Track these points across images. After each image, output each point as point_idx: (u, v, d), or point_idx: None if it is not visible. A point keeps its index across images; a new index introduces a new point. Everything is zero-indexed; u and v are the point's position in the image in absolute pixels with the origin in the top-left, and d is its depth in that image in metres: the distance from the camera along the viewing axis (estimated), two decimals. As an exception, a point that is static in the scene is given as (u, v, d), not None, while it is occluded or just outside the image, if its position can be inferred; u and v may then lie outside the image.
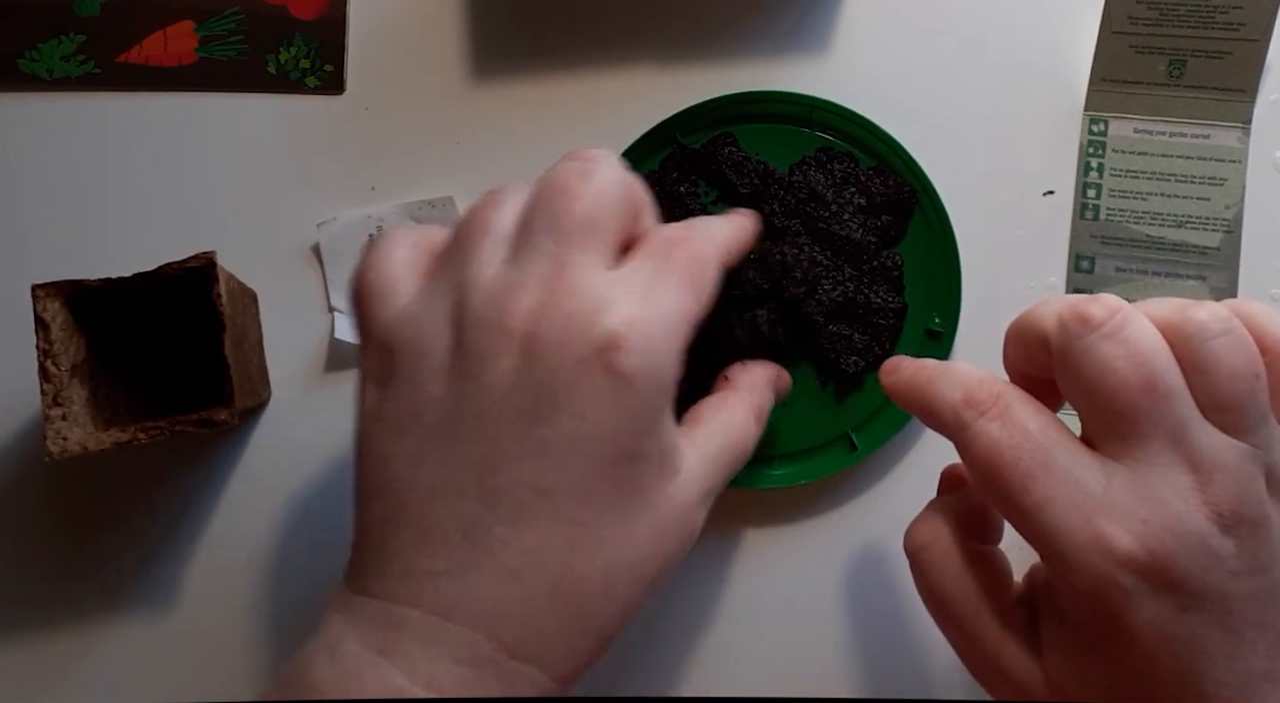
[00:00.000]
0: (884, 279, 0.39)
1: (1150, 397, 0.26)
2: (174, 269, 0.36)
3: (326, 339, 0.42)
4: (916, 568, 0.32)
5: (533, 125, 0.42)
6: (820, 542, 0.40)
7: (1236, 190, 0.40)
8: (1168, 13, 0.40)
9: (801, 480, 0.39)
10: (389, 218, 0.42)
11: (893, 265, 0.40)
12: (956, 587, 0.30)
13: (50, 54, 0.43)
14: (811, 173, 0.40)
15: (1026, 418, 0.28)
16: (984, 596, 0.30)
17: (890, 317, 0.39)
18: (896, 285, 0.40)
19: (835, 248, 0.39)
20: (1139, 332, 0.27)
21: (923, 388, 0.31)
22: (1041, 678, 0.29)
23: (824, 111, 0.40)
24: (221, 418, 0.35)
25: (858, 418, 0.39)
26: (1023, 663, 0.29)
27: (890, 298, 0.39)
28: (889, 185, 0.40)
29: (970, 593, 0.30)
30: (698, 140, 0.41)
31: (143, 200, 0.43)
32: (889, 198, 0.40)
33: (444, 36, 0.43)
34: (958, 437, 0.29)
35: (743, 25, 0.43)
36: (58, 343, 0.35)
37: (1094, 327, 0.27)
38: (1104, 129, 0.41)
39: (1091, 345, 0.27)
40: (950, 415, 0.29)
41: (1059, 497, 0.27)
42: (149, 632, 0.41)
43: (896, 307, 0.39)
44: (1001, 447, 0.28)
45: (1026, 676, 0.29)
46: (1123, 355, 0.27)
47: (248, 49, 0.43)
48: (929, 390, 0.30)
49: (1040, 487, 0.27)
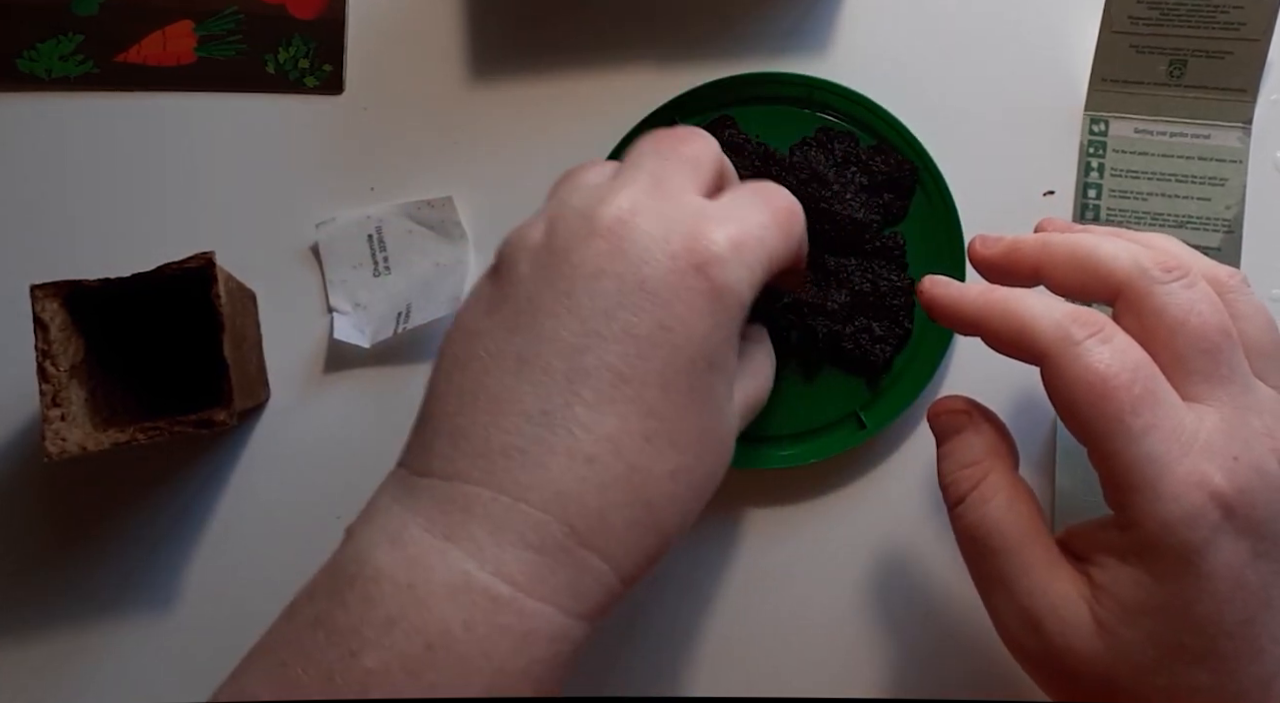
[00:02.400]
0: (887, 258, 0.40)
1: (1229, 340, 0.28)
2: (173, 269, 0.36)
3: (325, 339, 0.42)
4: (968, 504, 0.31)
5: (533, 125, 0.42)
6: (829, 520, 0.40)
7: (1237, 190, 0.40)
8: (1168, 13, 0.40)
9: (810, 459, 0.39)
10: (388, 218, 0.42)
11: (895, 245, 0.40)
12: (1010, 516, 0.30)
13: (49, 54, 0.43)
14: (812, 153, 0.40)
15: (1133, 347, 0.28)
16: (1036, 527, 0.30)
17: (902, 295, 0.39)
18: (900, 264, 0.40)
19: (837, 227, 0.39)
20: (1204, 283, 0.29)
21: (1009, 303, 0.30)
22: (1089, 619, 0.28)
23: (823, 92, 0.40)
24: (220, 418, 0.35)
25: (865, 397, 0.40)
26: (1072, 601, 0.28)
27: (897, 277, 0.39)
28: (890, 163, 0.40)
29: (1024, 522, 0.30)
30: (698, 123, 0.41)
31: (141, 200, 0.43)
32: (890, 176, 0.40)
33: (443, 36, 0.43)
34: (1064, 352, 0.28)
35: (743, 25, 0.42)
36: (56, 343, 0.35)
37: (1176, 273, 0.29)
38: (1104, 129, 0.41)
39: (1175, 291, 0.29)
40: (1054, 332, 0.28)
41: (1163, 426, 0.27)
42: (149, 632, 0.41)
43: (905, 284, 0.39)
44: (1116, 366, 0.27)
45: (1072, 615, 0.28)
46: (1203, 300, 0.29)
47: (246, 49, 0.43)
48: (1020, 307, 0.29)
49: (1148, 412, 0.27)
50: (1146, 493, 0.27)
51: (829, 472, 0.40)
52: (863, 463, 0.41)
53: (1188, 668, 0.27)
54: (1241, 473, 0.27)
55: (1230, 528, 0.27)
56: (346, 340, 0.41)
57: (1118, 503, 0.28)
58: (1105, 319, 0.29)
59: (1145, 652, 0.27)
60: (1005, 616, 0.30)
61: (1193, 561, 0.27)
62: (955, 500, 0.31)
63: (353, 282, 0.42)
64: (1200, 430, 0.27)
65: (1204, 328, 0.28)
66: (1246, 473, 0.27)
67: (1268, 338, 0.30)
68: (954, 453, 0.32)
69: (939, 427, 0.33)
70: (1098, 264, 0.30)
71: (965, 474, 0.31)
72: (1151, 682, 0.28)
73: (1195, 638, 0.27)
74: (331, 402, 0.42)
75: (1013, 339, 0.30)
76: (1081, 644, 0.28)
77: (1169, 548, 0.27)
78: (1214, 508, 0.27)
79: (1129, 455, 0.27)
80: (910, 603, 0.40)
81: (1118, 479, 0.28)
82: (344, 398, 0.42)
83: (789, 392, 0.40)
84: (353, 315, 0.42)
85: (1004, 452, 0.32)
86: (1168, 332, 0.28)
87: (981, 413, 0.32)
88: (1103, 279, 0.30)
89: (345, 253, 0.42)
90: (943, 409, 0.33)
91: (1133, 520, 0.27)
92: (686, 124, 0.40)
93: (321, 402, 0.42)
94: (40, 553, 0.41)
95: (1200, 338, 0.28)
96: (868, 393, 0.40)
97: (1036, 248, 0.32)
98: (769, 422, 0.40)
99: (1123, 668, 0.28)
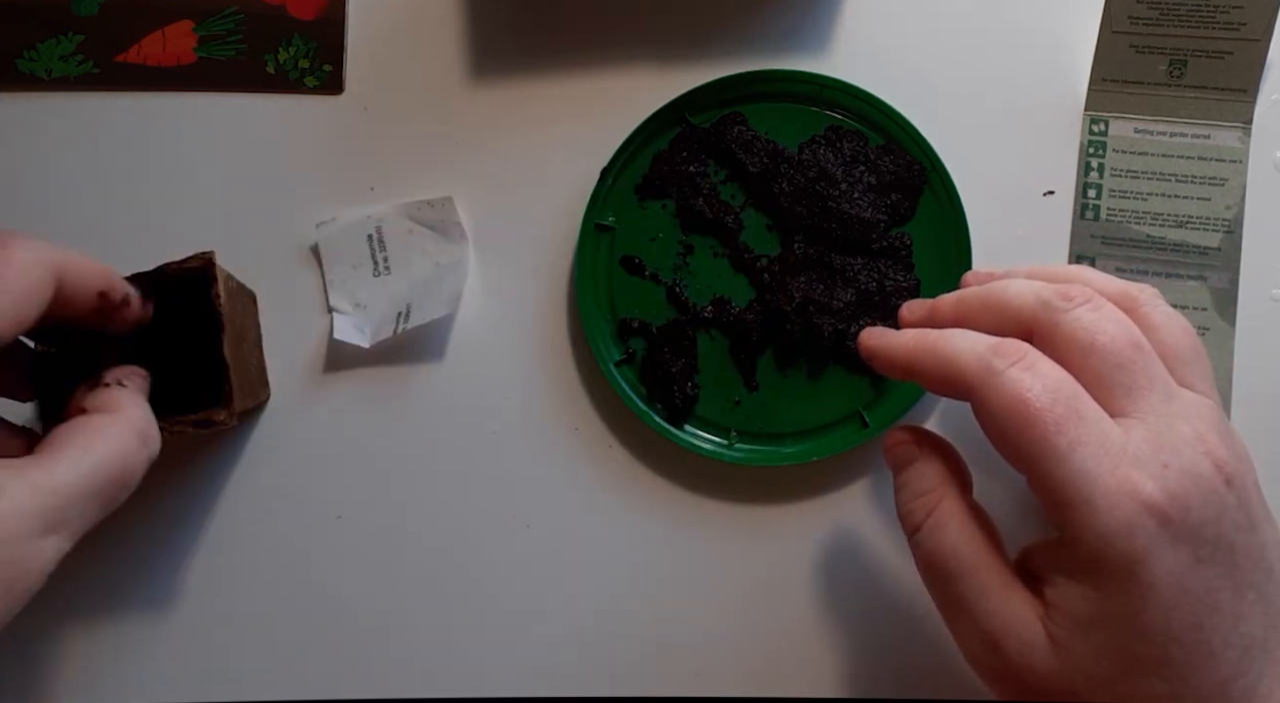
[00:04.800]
0: (894, 258, 0.40)
1: (1139, 352, 0.29)
2: (173, 269, 0.36)
3: (325, 339, 0.42)
4: (924, 532, 0.31)
5: (533, 125, 0.42)
6: (832, 517, 0.41)
7: (1237, 190, 0.40)
8: (1168, 12, 0.40)
9: (814, 458, 0.39)
10: (388, 218, 0.42)
11: (901, 245, 0.40)
12: (962, 541, 0.30)
13: (49, 54, 0.43)
14: (821, 151, 0.40)
15: (1054, 370, 0.29)
16: (990, 551, 0.30)
17: (906, 296, 0.39)
18: (906, 264, 0.40)
19: (844, 226, 0.39)
20: (1109, 304, 0.30)
21: (937, 345, 0.31)
22: (1044, 637, 0.29)
23: (833, 90, 0.40)
24: (220, 418, 0.35)
25: (868, 396, 0.40)
26: (1027, 620, 0.29)
27: (903, 277, 0.39)
28: (898, 163, 0.40)
29: (978, 547, 0.30)
30: (707, 120, 0.41)
31: (142, 200, 0.43)
32: (899, 176, 0.40)
33: (443, 36, 0.43)
34: (986, 383, 0.29)
35: (743, 25, 0.42)
36: (57, 343, 0.35)
37: (1078, 300, 0.30)
38: (1104, 129, 0.41)
39: (1080, 315, 0.30)
40: (977, 365, 0.29)
41: (1089, 442, 0.28)
42: (149, 632, 0.41)
43: (909, 285, 0.39)
44: (1035, 392, 0.28)
45: (1029, 633, 0.29)
46: (1107, 319, 0.30)
47: (246, 49, 0.43)
48: (946, 347, 0.31)
49: (1072, 431, 0.28)
50: (1081, 509, 0.27)
51: (831, 470, 0.41)
52: (864, 463, 0.41)
53: (1143, 678, 0.28)
54: (1173, 479, 0.27)
55: (1167, 535, 0.27)
56: (346, 340, 0.41)
57: (1058, 523, 0.28)
58: (1026, 347, 0.29)
59: (1100, 665, 0.28)
60: (966, 638, 0.31)
61: (1134, 571, 0.27)
62: (912, 529, 0.32)
63: (353, 282, 0.42)
64: (1128, 443, 0.28)
65: (1113, 344, 0.29)
66: (1178, 479, 0.27)
67: (1185, 344, 0.31)
68: (908, 484, 0.33)
69: (892, 459, 0.34)
70: (1005, 305, 0.31)
71: (920, 503, 0.32)
72: (1110, 694, 0.28)
73: (1146, 648, 0.27)
74: (331, 402, 0.42)
75: (942, 377, 0.31)
76: (1039, 662, 0.29)
77: (1109, 561, 0.27)
78: (1148, 517, 0.27)
79: (1059, 474, 0.28)
80: (911, 603, 0.40)
81: (1053, 498, 0.28)
82: (344, 398, 0.42)
83: (793, 390, 0.40)
84: (353, 315, 0.42)
85: (956, 480, 0.32)
86: (1080, 354, 0.29)
87: (932, 443, 0.33)
88: (1013, 318, 0.31)
89: (345, 253, 0.42)
90: (895, 441, 0.34)
91: (1073, 537, 0.28)
92: (697, 120, 0.41)
93: (321, 402, 0.42)
94: (40, 553, 0.41)
95: (1111, 354, 0.29)
96: (871, 392, 0.40)
97: (953, 304, 0.33)
98: (773, 420, 0.40)
99: (1081, 682, 0.28)
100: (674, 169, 0.41)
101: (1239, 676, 0.27)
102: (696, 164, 0.41)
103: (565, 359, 0.42)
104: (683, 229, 0.41)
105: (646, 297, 0.41)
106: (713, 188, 0.41)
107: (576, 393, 0.42)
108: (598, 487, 0.41)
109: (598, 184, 0.40)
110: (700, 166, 0.41)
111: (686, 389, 0.40)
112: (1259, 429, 0.38)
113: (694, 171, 0.41)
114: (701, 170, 0.41)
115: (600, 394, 0.42)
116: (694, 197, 0.41)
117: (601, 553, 0.41)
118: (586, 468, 0.41)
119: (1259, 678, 0.28)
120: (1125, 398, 0.29)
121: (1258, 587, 0.28)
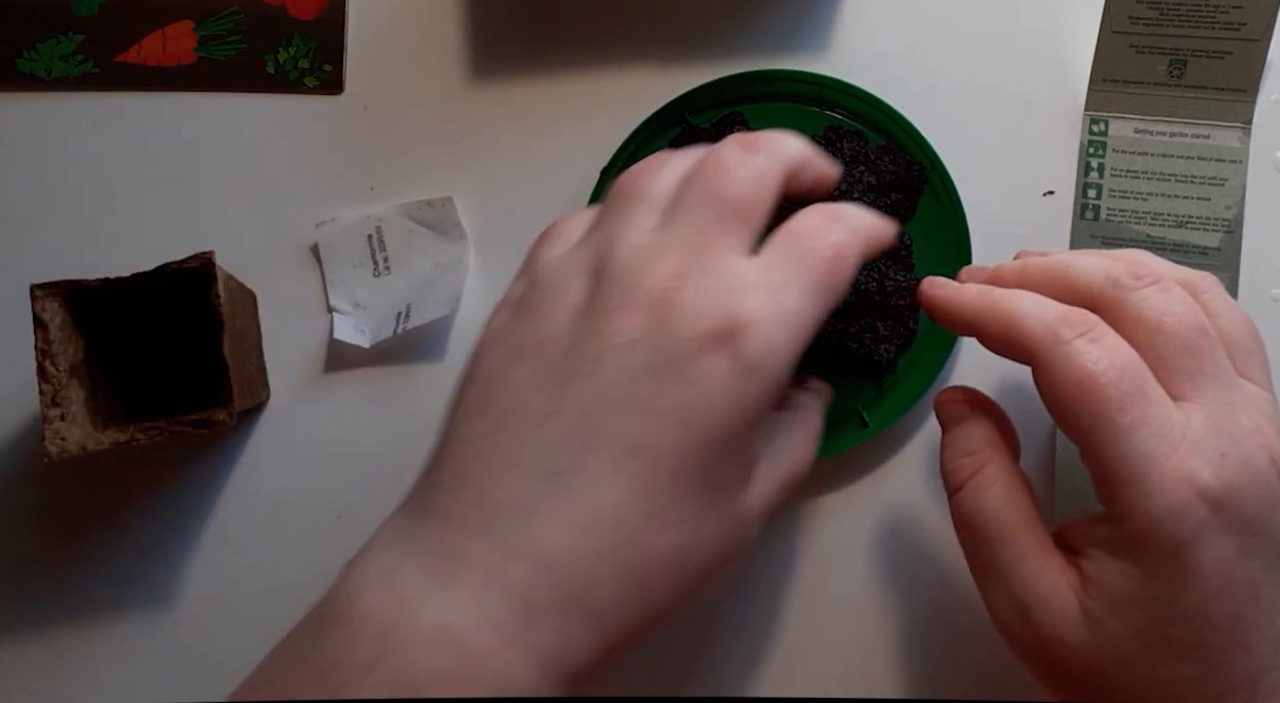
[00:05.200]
0: (894, 259, 0.40)
1: (1205, 337, 0.29)
2: (173, 269, 0.36)
3: (325, 339, 0.42)
4: (966, 492, 0.31)
5: (533, 125, 0.42)
6: (833, 518, 0.41)
7: (1237, 190, 0.40)
8: (1168, 12, 0.40)
9: (813, 458, 0.39)
10: (388, 218, 0.42)
11: (901, 244, 0.40)
12: (1005, 505, 0.30)
13: (49, 54, 0.43)
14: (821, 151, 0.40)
15: (1121, 345, 0.29)
16: (1031, 518, 0.30)
17: (907, 295, 0.39)
18: (907, 264, 0.40)
19: None
20: (1178, 287, 0.30)
21: (1004, 304, 0.31)
22: (1078, 610, 0.28)
23: (833, 90, 0.40)
24: (220, 418, 0.35)
25: (869, 396, 0.40)
26: (1062, 591, 0.29)
27: (903, 278, 0.39)
28: (898, 163, 0.40)
29: (1020, 512, 0.30)
30: (707, 120, 0.41)
31: (142, 200, 0.43)
32: (899, 176, 0.40)
33: (443, 37, 0.43)
34: (1053, 351, 0.29)
35: (743, 25, 0.42)
36: (56, 343, 0.35)
37: (1147, 280, 0.30)
38: (1104, 129, 0.41)
39: (1149, 295, 0.30)
40: (1045, 331, 0.29)
41: (1150, 422, 0.28)
42: (149, 632, 0.41)
43: (910, 285, 0.39)
44: (1104, 365, 0.28)
45: (1062, 605, 0.29)
46: (1177, 302, 0.29)
47: (246, 49, 0.43)
48: (1013, 307, 0.30)
49: (1136, 409, 0.28)
50: (1135, 488, 0.27)
51: (831, 470, 0.40)
52: (865, 462, 0.41)
53: (1174, 661, 0.27)
54: (1229, 469, 0.27)
55: (1218, 524, 0.27)
56: (346, 340, 0.41)
57: (1107, 498, 0.28)
58: (1095, 319, 0.29)
59: (1131, 644, 0.28)
60: (998, 603, 0.30)
61: (1180, 555, 0.27)
62: (954, 488, 0.32)
63: (353, 282, 0.42)
64: (1188, 427, 0.28)
65: (1181, 327, 0.29)
66: (1234, 469, 0.27)
67: (1245, 334, 0.31)
68: (955, 441, 0.32)
69: (943, 415, 0.33)
70: (1072, 279, 0.31)
71: (965, 463, 0.32)
72: (1138, 674, 0.28)
73: (1181, 632, 0.27)
74: (331, 402, 0.42)
75: (1005, 338, 0.30)
76: (1069, 634, 0.28)
77: (1157, 542, 0.27)
78: (1201, 503, 0.27)
79: (1117, 452, 0.28)
80: (911, 603, 0.40)
81: (1107, 475, 0.28)
82: (344, 398, 0.42)
83: None
84: (353, 315, 0.42)
85: (1004, 443, 0.32)
86: (1146, 334, 0.29)
87: (985, 404, 0.33)
88: (1079, 292, 0.31)
89: (345, 253, 0.42)
90: (947, 399, 0.33)
91: (1121, 515, 0.28)
92: (695, 120, 0.41)
93: (321, 402, 0.42)
94: (40, 553, 0.41)
95: (1179, 337, 0.29)
96: (871, 392, 0.40)
97: (1016, 273, 0.33)
98: None
99: (1109, 659, 0.28)
100: None
101: (1272, 668, 0.27)
102: None
103: (565, 359, 0.42)
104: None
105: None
106: None
107: (576, 393, 0.42)
108: (598, 487, 0.41)
109: (597, 185, 0.40)
110: None
111: None
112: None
113: None
114: None
115: (600, 394, 0.41)
116: None
117: (601, 553, 0.41)
118: (586, 468, 0.41)
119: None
120: (1188, 382, 0.29)
121: None
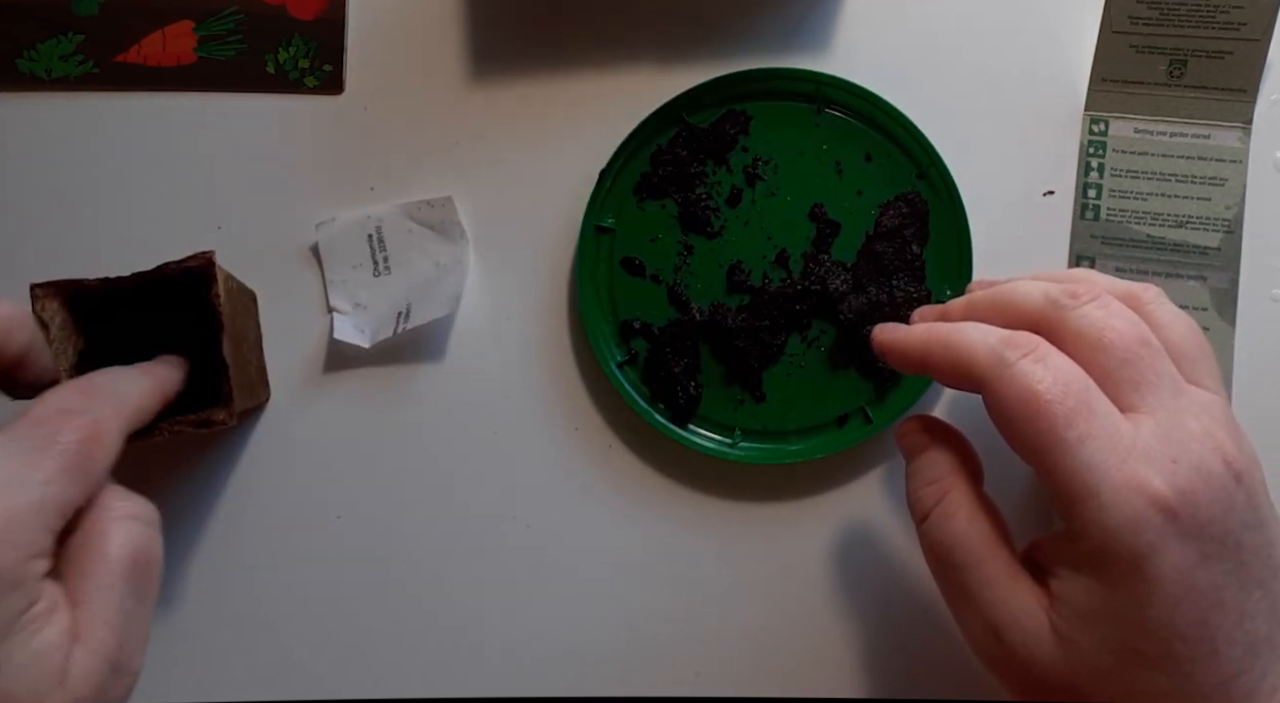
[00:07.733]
0: (906, 271, 0.40)
1: (1147, 348, 0.29)
2: (173, 269, 0.36)
3: (326, 339, 0.42)
4: (931, 520, 0.32)
5: (533, 125, 0.42)
6: (837, 515, 0.41)
7: (1237, 190, 0.40)
8: (1168, 13, 0.40)
9: (819, 454, 0.40)
10: (388, 218, 0.42)
11: (913, 257, 0.40)
12: (970, 531, 0.31)
13: (49, 54, 0.43)
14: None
15: (1065, 363, 0.29)
16: (997, 541, 0.30)
17: (916, 306, 0.39)
18: (918, 276, 0.40)
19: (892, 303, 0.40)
20: (1117, 301, 0.31)
21: (949, 337, 0.31)
22: (1048, 628, 0.29)
23: (832, 88, 0.40)
24: (220, 418, 0.35)
25: (872, 392, 0.40)
26: (1031, 611, 0.29)
27: (914, 289, 0.40)
28: (902, 212, 0.40)
29: (985, 537, 0.30)
30: (706, 118, 0.41)
31: (142, 200, 0.43)
32: (905, 219, 0.40)
33: (443, 36, 0.43)
34: (998, 374, 0.29)
35: (743, 24, 0.42)
36: (56, 343, 0.35)
37: (1085, 298, 0.30)
38: (1104, 129, 0.41)
39: (1088, 311, 0.30)
40: (988, 357, 0.29)
41: (1098, 436, 0.28)
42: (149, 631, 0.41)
43: (920, 297, 0.40)
44: (1048, 383, 0.28)
45: (1033, 624, 0.29)
46: (1115, 314, 0.30)
47: (246, 49, 0.43)
48: (958, 338, 0.31)
49: (1082, 424, 0.28)
50: (1089, 502, 0.27)
51: (836, 467, 0.41)
52: (869, 459, 0.41)
53: (1145, 672, 0.28)
54: (1181, 475, 0.27)
55: (1174, 532, 0.27)
56: (346, 340, 0.41)
57: (1064, 515, 0.29)
58: (1038, 340, 0.30)
59: (1102, 658, 0.28)
60: (970, 627, 0.31)
61: (1140, 565, 0.27)
62: (921, 517, 0.32)
63: (353, 282, 0.42)
64: (1138, 437, 0.28)
65: (1121, 340, 0.29)
66: (1187, 475, 0.27)
67: (1190, 342, 0.31)
68: (919, 472, 0.33)
69: (904, 445, 0.34)
70: (1016, 305, 0.32)
71: (928, 492, 0.32)
72: (1112, 687, 0.28)
73: (1149, 642, 0.27)
74: (331, 402, 0.42)
75: (953, 369, 0.31)
76: (1042, 653, 0.29)
77: (1115, 554, 0.27)
78: (1156, 512, 0.27)
79: (1067, 467, 0.28)
80: (916, 601, 0.40)
81: (1060, 491, 0.28)
82: (344, 398, 0.42)
83: (797, 390, 0.40)
84: (353, 315, 0.42)
85: (966, 470, 0.32)
86: (1089, 350, 0.29)
87: (944, 433, 0.33)
88: (1022, 317, 0.31)
89: (345, 253, 0.42)
90: (907, 430, 0.34)
91: (1080, 530, 0.28)
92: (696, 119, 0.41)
93: (321, 402, 0.42)
94: (40, 553, 0.41)
95: (1120, 349, 0.29)
96: (875, 389, 0.40)
97: (962, 306, 0.34)
98: (777, 418, 0.40)
99: (1083, 675, 0.28)
100: (676, 167, 0.41)
101: (1242, 672, 0.27)
102: (696, 164, 0.41)
103: (565, 359, 0.42)
104: (682, 229, 0.41)
105: (647, 298, 0.41)
106: (711, 189, 0.41)
107: (577, 393, 0.42)
108: (598, 487, 0.41)
109: (596, 186, 0.40)
110: (699, 167, 0.41)
111: (690, 389, 0.40)
112: (1259, 429, 0.37)
113: (694, 172, 0.41)
114: (700, 171, 0.41)
115: (601, 394, 0.42)
116: (693, 195, 0.41)
117: (602, 553, 0.41)
118: (587, 468, 0.41)
119: (1263, 675, 0.28)
120: (1134, 393, 0.29)
121: (1264, 584, 0.28)
